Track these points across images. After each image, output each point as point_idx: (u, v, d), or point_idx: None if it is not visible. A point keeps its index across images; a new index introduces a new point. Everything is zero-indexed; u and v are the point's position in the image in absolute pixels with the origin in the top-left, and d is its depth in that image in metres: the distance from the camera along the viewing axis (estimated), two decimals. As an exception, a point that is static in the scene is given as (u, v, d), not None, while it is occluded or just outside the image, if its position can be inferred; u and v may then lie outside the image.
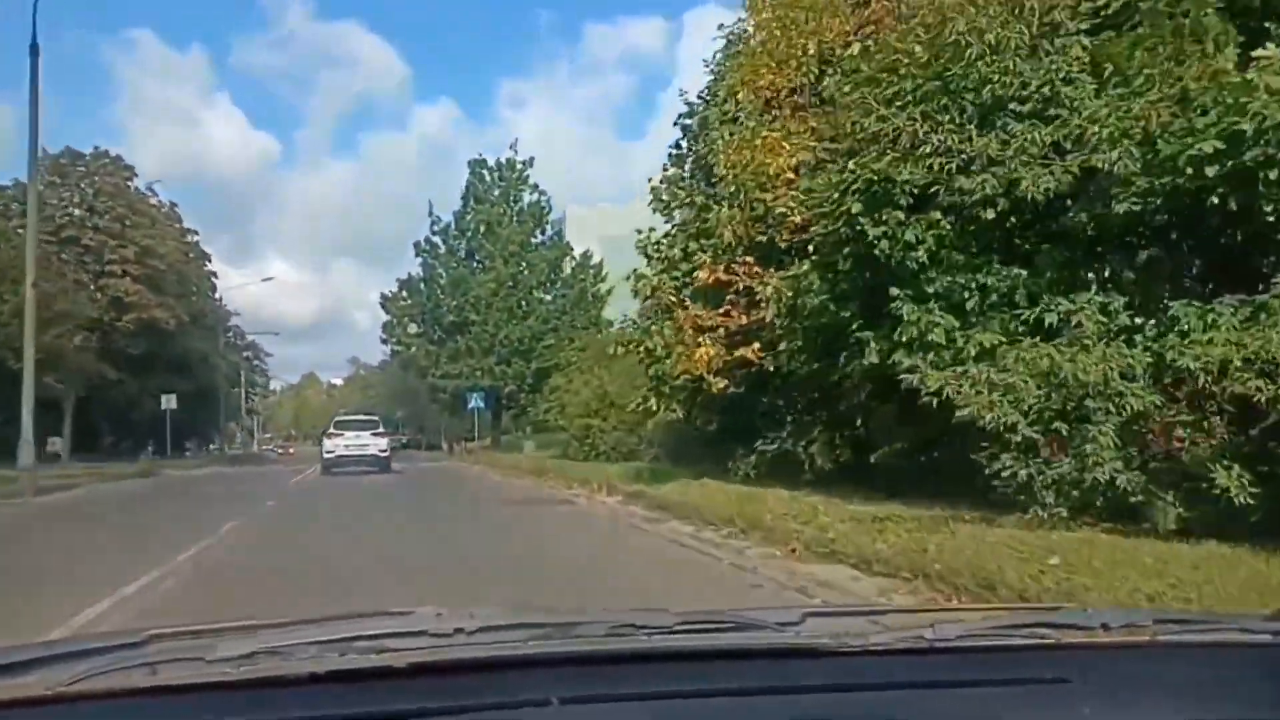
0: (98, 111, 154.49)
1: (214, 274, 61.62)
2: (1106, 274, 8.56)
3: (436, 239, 43.41)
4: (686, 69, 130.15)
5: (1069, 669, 1.38)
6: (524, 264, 41.42)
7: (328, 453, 26.55)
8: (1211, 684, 1.37)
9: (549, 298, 41.89)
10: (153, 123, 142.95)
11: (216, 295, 61.11)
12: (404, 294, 44.39)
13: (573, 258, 42.39)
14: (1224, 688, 1.37)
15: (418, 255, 43.60)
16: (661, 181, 15.75)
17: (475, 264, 41.61)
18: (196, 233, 56.90)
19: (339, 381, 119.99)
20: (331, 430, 28.06)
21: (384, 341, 45.36)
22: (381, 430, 27.78)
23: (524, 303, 41.55)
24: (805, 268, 10.77)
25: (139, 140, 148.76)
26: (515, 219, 41.34)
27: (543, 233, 42.76)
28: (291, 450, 72.18)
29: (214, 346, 56.19)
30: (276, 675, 1.34)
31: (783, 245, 12.04)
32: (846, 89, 9.34)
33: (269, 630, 1.71)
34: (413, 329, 43.58)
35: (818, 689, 1.35)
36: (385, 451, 26.38)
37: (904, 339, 8.71)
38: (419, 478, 24.50)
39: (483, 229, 42.02)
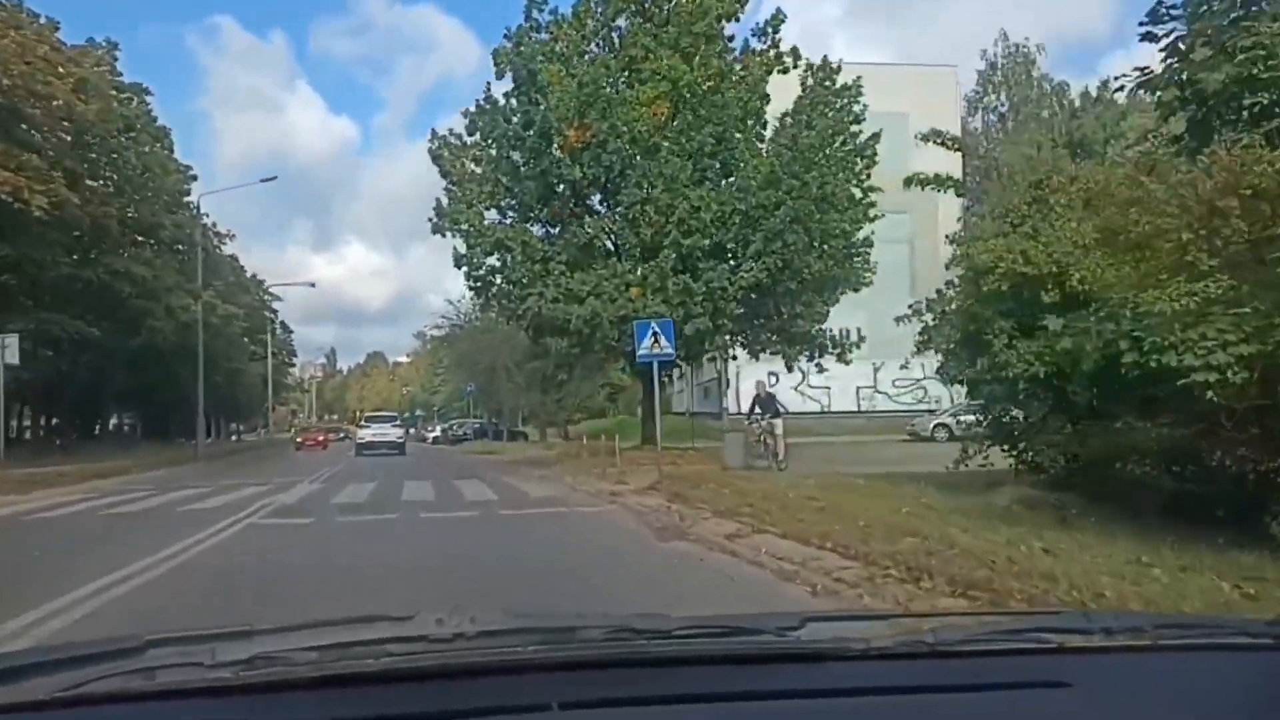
0: (183, 100, 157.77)
1: (189, 172, 42.45)
2: None
3: (543, 35, 23.13)
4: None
5: (1071, 673, 1.35)
6: (711, 70, 21.92)
7: (360, 439, 41.16)
8: (1213, 688, 1.34)
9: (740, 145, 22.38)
10: (235, 110, 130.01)
11: (191, 204, 42.10)
12: (477, 139, 23.50)
13: (806, 64, 23.39)
14: (1225, 691, 1.34)
15: (501, 73, 23.02)
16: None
17: (609, 81, 21.92)
18: (150, 93, 38.74)
19: (405, 359, 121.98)
20: (363, 423, 45.10)
21: (435, 230, 23.64)
22: (399, 423, 45.23)
23: (717, 149, 21.93)
24: None
25: (223, 128, 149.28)
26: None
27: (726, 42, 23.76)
28: (321, 438, 57.73)
29: (185, 282, 36.84)
30: (276, 680, 1.30)
31: None
32: None
33: (267, 635, 1.65)
34: (493, 216, 23.66)
35: (818, 693, 1.33)
36: (401, 439, 41.22)
37: None
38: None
39: (629, 9, 22.92)
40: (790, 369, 26.32)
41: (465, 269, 25.15)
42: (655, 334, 17.45)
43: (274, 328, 73.76)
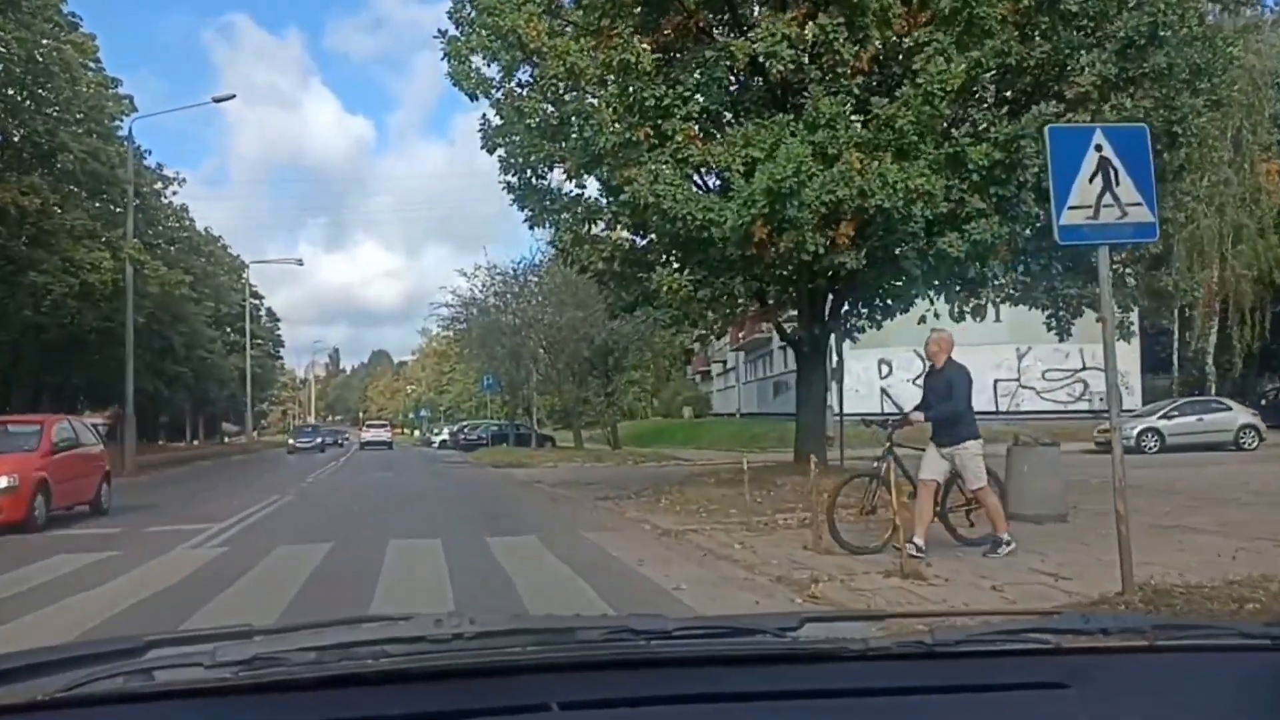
0: (197, 97, 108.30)
1: (118, 88, 29.76)
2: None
3: None
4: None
5: (1068, 674, 1.31)
6: None
7: (363, 438, 65.07)
8: (1210, 689, 1.31)
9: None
10: (250, 108, 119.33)
11: (123, 135, 29.68)
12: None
13: None
14: (1222, 693, 1.30)
15: None
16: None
17: None
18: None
19: (412, 357, 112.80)
20: (364, 427, 74.61)
21: (448, 57, 12.43)
22: (389, 428, 71.35)
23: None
24: None
25: (236, 125, 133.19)
26: None
27: None
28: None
29: (101, 229, 26.70)
30: (276, 680, 1.26)
31: None
32: None
33: (267, 636, 1.59)
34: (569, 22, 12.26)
35: (817, 694, 1.30)
36: (390, 438, 65.65)
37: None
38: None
39: None
40: (1065, 335, 14.83)
41: (500, 153, 14.32)
42: (1108, 168, 5.66)
43: (258, 314, 63.91)
